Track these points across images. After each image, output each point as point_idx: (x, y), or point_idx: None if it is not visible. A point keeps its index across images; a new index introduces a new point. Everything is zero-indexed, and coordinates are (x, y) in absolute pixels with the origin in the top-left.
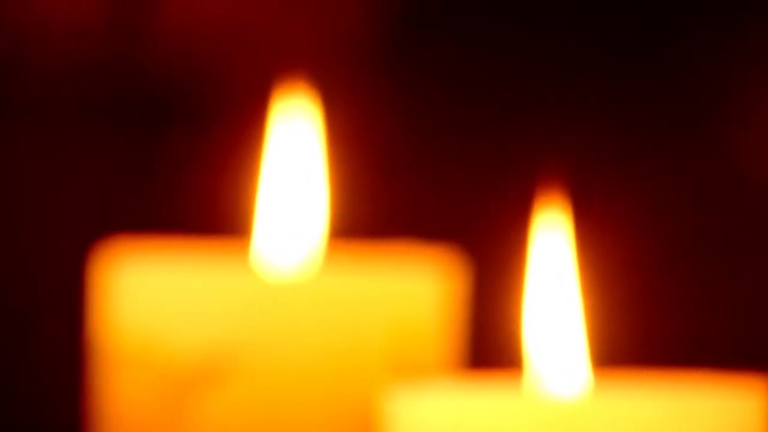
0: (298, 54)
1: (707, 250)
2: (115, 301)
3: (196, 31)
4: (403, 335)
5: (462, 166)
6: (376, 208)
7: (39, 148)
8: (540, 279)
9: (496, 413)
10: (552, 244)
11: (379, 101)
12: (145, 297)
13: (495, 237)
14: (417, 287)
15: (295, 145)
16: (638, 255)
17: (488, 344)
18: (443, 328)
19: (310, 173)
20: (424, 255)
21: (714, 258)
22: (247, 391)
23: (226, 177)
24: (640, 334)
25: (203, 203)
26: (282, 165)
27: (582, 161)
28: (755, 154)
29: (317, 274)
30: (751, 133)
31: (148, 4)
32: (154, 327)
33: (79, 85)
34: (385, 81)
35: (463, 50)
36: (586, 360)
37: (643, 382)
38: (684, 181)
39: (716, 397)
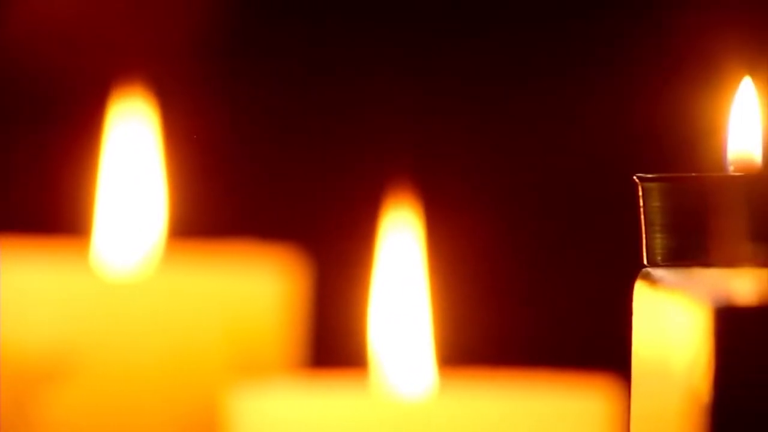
0: (136, 55)
1: (555, 250)
2: None
3: (40, 32)
4: (244, 334)
5: (307, 164)
6: (215, 207)
7: None
8: (387, 278)
9: (340, 412)
10: (400, 244)
11: (218, 101)
12: None
13: (342, 236)
14: (257, 287)
15: (132, 145)
16: (486, 255)
17: (333, 343)
18: (285, 328)
19: (147, 173)
20: (264, 255)
21: (562, 258)
22: (89, 389)
23: (67, 177)
24: (487, 334)
25: (45, 203)
26: (120, 165)
27: (430, 160)
28: (604, 152)
29: (157, 273)
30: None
31: None
32: None
33: None
34: (224, 80)
35: (304, 48)
36: (432, 360)
37: (489, 382)
38: (532, 181)
39: (561, 396)
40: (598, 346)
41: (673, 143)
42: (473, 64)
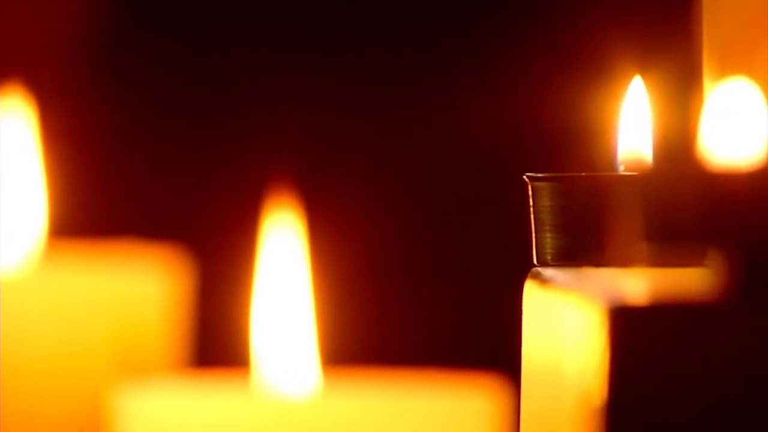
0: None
1: (439, 250)
2: None
3: None
4: (128, 334)
5: (190, 164)
6: (98, 207)
7: None
8: (270, 278)
9: (224, 412)
10: (282, 243)
11: (99, 100)
12: None
13: (225, 236)
14: (141, 286)
15: (10, 145)
16: (373, 255)
17: (217, 343)
18: (168, 327)
19: (26, 173)
20: (147, 254)
21: (451, 257)
22: None
23: None
24: (373, 334)
25: None
26: None
27: (313, 160)
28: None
29: (38, 273)
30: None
31: None
32: None
33: None
34: (106, 79)
35: (187, 47)
36: (316, 359)
37: (373, 382)
38: (420, 179)
39: (446, 396)
40: (487, 345)
41: (564, 142)
42: (357, 64)
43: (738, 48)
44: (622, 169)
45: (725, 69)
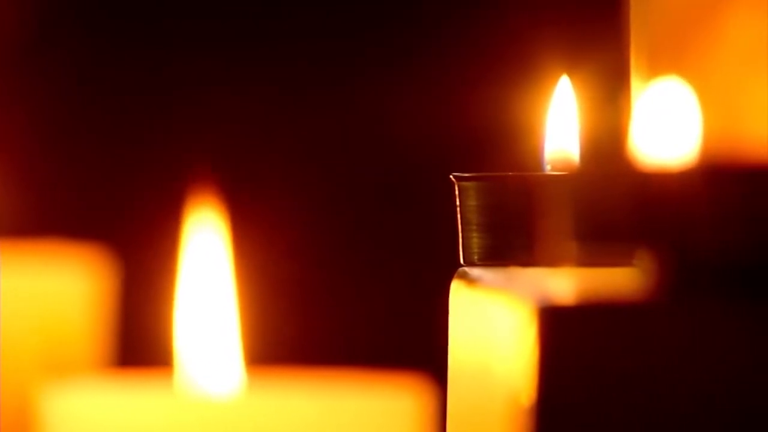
0: None
1: (365, 249)
2: None
3: None
4: (52, 333)
5: (112, 165)
6: (22, 207)
7: None
8: (193, 277)
9: (147, 411)
10: (205, 243)
11: (19, 99)
12: None
13: (148, 236)
14: (64, 286)
15: None
16: (294, 253)
17: (140, 342)
18: (92, 327)
19: None
20: (71, 254)
21: (372, 256)
22: None
23: None
24: (295, 333)
25: None
26: None
27: (235, 160)
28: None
29: None
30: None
31: None
32: None
33: None
34: (25, 80)
35: (107, 48)
36: (240, 359)
37: (297, 381)
38: (347, 180)
39: (371, 395)
40: (413, 346)
41: (492, 142)
42: (282, 60)
43: (666, 47)
44: (549, 169)
45: (654, 68)
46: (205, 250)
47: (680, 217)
